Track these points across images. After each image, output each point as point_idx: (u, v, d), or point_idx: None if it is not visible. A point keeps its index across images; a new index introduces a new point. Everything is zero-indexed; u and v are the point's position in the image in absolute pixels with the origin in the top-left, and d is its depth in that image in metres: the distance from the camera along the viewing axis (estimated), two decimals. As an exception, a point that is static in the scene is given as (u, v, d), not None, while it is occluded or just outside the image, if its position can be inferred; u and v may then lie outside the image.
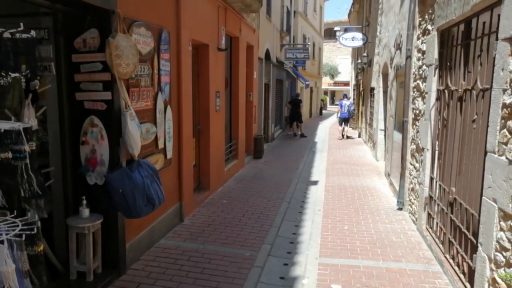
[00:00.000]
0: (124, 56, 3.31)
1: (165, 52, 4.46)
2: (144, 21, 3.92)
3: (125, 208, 3.41)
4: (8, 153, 1.75)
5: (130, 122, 3.46)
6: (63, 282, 3.41)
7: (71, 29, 3.40)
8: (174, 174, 4.93)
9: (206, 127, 6.33)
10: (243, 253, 4.28)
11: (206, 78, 6.18)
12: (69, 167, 3.59)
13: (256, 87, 10.14)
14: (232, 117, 8.33)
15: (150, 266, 3.91)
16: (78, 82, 3.45)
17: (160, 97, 4.36)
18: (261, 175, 8.17)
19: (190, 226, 5.07)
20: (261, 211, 5.74)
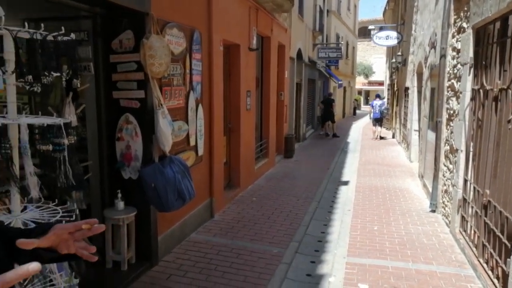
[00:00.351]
0: (157, 56, 3.45)
1: (197, 52, 4.59)
2: (176, 22, 4.06)
3: (157, 202, 3.56)
4: (49, 146, 1.91)
5: (162, 120, 3.60)
6: (99, 270, 3.60)
7: (108, 31, 3.59)
8: (205, 171, 5.06)
9: (237, 125, 6.44)
10: (271, 250, 4.34)
11: (237, 77, 6.29)
12: (105, 162, 3.78)
13: (288, 87, 10.17)
14: (263, 116, 8.40)
15: (181, 259, 4.05)
16: (115, 81, 3.63)
17: (192, 96, 4.49)
18: (291, 174, 8.20)
19: (220, 221, 5.18)
20: (290, 210, 5.78)
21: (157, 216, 3.88)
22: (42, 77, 1.89)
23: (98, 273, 3.54)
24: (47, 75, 1.91)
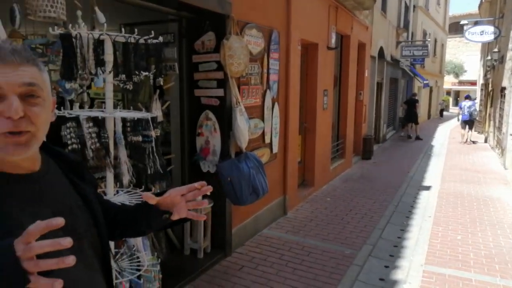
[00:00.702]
0: (236, 56, 3.61)
1: (275, 52, 4.69)
2: (255, 23, 4.20)
3: (233, 195, 3.72)
4: (139, 137, 2.13)
5: (239, 117, 3.76)
6: (178, 255, 3.87)
7: (192, 33, 3.84)
8: (279, 169, 5.15)
9: (313, 125, 6.43)
10: (343, 251, 4.29)
11: (314, 76, 6.28)
12: (186, 156, 4.05)
13: (367, 86, 9.86)
14: (340, 116, 8.27)
15: (253, 252, 4.18)
16: (196, 80, 3.88)
17: (268, 95, 4.60)
18: (369, 176, 7.95)
19: (293, 219, 5.23)
20: (365, 212, 5.63)
21: (232, 209, 4.06)
22: (133, 75, 2.11)
23: (177, 258, 3.81)
24: (138, 74, 2.12)
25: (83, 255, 1.02)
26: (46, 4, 2.22)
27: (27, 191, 0.93)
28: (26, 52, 0.89)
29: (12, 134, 0.84)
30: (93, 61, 2.03)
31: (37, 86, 0.87)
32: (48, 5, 2.22)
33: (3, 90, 0.82)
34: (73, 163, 1.12)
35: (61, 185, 1.04)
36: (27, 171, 0.94)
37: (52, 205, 0.97)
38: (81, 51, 1.97)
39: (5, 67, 0.83)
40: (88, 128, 1.99)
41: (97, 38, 2.05)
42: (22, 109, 0.83)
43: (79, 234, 1.02)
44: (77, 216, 1.03)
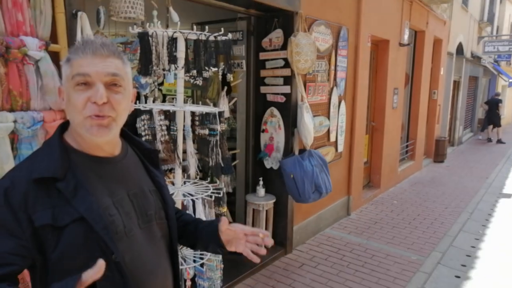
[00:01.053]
0: (303, 53, 3.59)
1: (343, 49, 4.59)
2: (324, 19, 4.14)
3: (295, 192, 3.72)
4: (206, 130, 2.22)
5: (306, 114, 3.74)
6: (239, 249, 3.96)
7: (260, 31, 3.89)
8: (343, 168, 5.04)
9: (381, 124, 6.19)
10: (409, 256, 4.09)
11: (384, 74, 6.04)
12: (251, 151, 4.12)
13: (442, 85, 9.26)
14: (411, 115, 7.86)
15: (314, 251, 4.15)
16: (263, 77, 3.92)
17: (335, 92, 4.52)
18: (440, 180, 7.48)
19: (356, 220, 5.10)
20: (435, 218, 5.31)
21: (294, 207, 4.06)
22: (203, 71, 2.20)
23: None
24: (207, 70, 2.21)
25: (152, 236, 1.10)
26: (127, 5, 2.39)
27: (107, 171, 1.04)
28: (113, 46, 1.00)
29: (97, 117, 0.95)
30: (167, 57, 2.15)
31: (120, 77, 0.98)
32: (129, 7, 2.40)
33: (92, 78, 0.94)
34: (148, 151, 1.21)
35: (137, 170, 1.14)
36: (108, 154, 1.06)
37: (127, 186, 1.08)
38: (156, 48, 2.10)
39: (95, 58, 0.95)
40: (160, 120, 2.12)
41: (171, 36, 2.17)
42: (106, 96, 0.95)
43: (149, 216, 1.10)
44: (149, 199, 1.12)
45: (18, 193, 0.91)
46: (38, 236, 0.91)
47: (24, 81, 1.89)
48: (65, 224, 0.91)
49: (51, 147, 1.00)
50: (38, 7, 1.95)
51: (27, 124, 1.87)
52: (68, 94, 0.97)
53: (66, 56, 1.00)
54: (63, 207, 0.92)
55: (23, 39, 1.85)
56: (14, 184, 0.92)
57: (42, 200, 0.92)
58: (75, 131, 1.01)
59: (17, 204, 0.90)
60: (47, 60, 1.95)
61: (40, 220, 0.90)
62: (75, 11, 2.09)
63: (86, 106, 0.94)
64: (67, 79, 0.97)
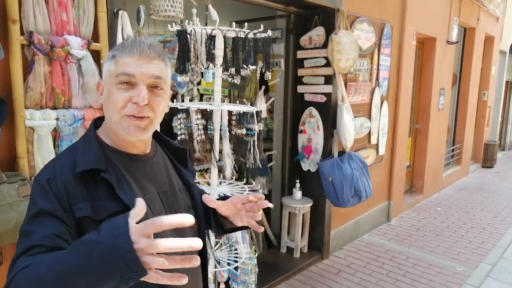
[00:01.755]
0: (344, 52, 3.47)
1: (386, 47, 4.41)
2: (366, 16, 3.98)
3: (333, 196, 3.60)
4: (243, 130, 2.17)
5: (346, 115, 3.61)
6: (274, 252, 3.90)
7: (299, 29, 3.80)
8: (384, 172, 4.85)
9: (425, 126, 5.91)
10: (454, 267, 3.85)
11: (430, 73, 5.76)
12: (287, 153, 4.05)
13: (493, 85, 8.73)
14: (458, 118, 7.45)
15: (352, 257, 4.00)
16: (300, 76, 3.83)
17: (377, 92, 4.35)
18: (489, 187, 7.05)
19: (397, 227, 4.89)
20: (483, 227, 4.99)
21: (332, 211, 3.94)
22: (241, 69, 2.15)
23: (274, 255, 3.83)
24: (245, 68, 2.16)
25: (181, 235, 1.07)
26: (167, 4, 2.39)
27: (139, 169, 1.04)
28: (159, 48, 1.00)
29: (135, 118, 0.95)
30: (205, 55, 2.12)
31: (162, 80, 0.98)
32: (169, 5, 2.39)
33: (136, 79, 0.94)
34: (176, 150, 1.21)
35: (167, 168, 1.13)
36: (140, 152, 1.06)
37: (157, 184, 1.07)
38: (194, 46, 2.08)
39: (141, 59, 0.95)
40: (196, 119, 2.10)
41: (209, 34, 2.14)
42: (147, 98, 0.94)
43: None
44: (179, 198, 1.11)
45: (60, 183, 0.92)
46: (81, 226, 0.91)
47: (67, 80, 1.93)
48: (102, 218, 0.91)
49: (88, 142, 1.00)
50: (82, 7, 1.99)
51: (68, 122, 1.90)
52: (108, 91, 0.97)
53: (111, 52, 0.99)
54: (101, 201, 0.93)
55: (66, 38, 1.88)
56: (56, 174, 0.93)
57: (81, 194, 0.92)
58: (110, 127, 1.01)
59: (59, 193, 0.91)
60: (88, 59, 1.97)
61: (81, 212, 0.91)
62: (117, 10, 2.11)
63: (127, 105, 0.94)
64: (110, 76, 0.97)
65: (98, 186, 0.94)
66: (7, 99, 1.71)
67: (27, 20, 1.77)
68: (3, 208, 1.57)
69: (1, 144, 1.61)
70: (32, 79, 1.78)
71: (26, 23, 1.77)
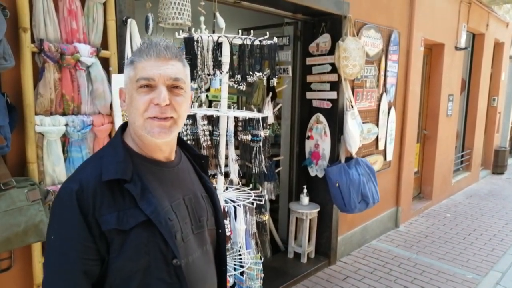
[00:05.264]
0: (351, 58, 3.48)
1: (394, 53, 4.41)
2: (374, 23, 3.99)
3: (340, 201, 3.59)
4: (248, 136, 2.19)
5: (351, 121, 3.61)
6: (281, 257, 3.89)
7: (307, 36, 3.82)
8: (392, 178, 4.82)
9: (434, 133, 5.87)
10: (464, 274, 3.81)
11: (438, 79, 5.73)
12: (295, 158, 4.05)
13: (504, 91, 8.64)
14: (467, 124, 7.39)
15: (359, 263, 3.98)
16: (309, 83, 3.84)
17: (385, 98, 4.34)
18: (500, 194, 6.96)
19: (405, 233, 4.85)
20: (493, 234, 4.93)
21: (339, 216, 3.93)
22: (247, 76, 2.18)
23: (280, 260, 3.83)
24: (252, 74, 2.18)
25: (203, 243, 1.10)
26: (175, 12, 2.43)
27: (165, 175, 1.05)
28: (175, 48, 1.01)
29: (159, 119, 0.97)
30: (212, 62, 2.15)
31: (181, 80, 1.00)
32: (176, 13, 2.43)
33: (156, 81, 0.96)
34: (199, 157, 1.22)
35: (190, 175, 1.14)
36: (166, 158, 1.07)
37: (182, 191, 1.08)
38: (201, 53, 2.11)
39: (158, 61, 0.97)
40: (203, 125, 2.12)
41: (216, 41, 2.16)
42: (168, 98, 0.96)
43: (201, 222, 1.10)
44: (202, 205, 1.12)
45: (87, 196, 0.91)
46: (105, 238, 0.92)
47: (76, 86, 1.96)
48: (130, 228, 0.92)
49: (115, 148, 1.01)
50: (92, 15, 2.03)
51: (77, 128, 1.93)
52: (130, 96, 0.99)
53: (130, 57, 1.01)
54: (128, 210, 0.93)
55: (76, 46, 1.93)
56: (83, 186, 0.92)
57: (108, 203, 0.92)
58: (135, 133, 1.02)
59: (87, 207, 0.91)
60: (97, 66, 2.01)
61: (106, 225, 0.91)
62: (125, 18, 2.15)
63: (149, 108, 0.96)
64: (130, 81, 0.99)
65: (125, 194, 0.95)
66: (18, 105, 1.75)
67: (37, 28, 1.81)
68: (12, 212, 1.60)
69: (11, 149, 1.64)
70: (42, 86, 1.82)
71: (37, 31, 1.81)
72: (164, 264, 0.95)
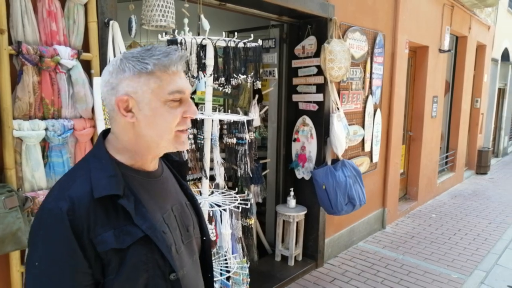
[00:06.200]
0: (337, 60, 3.49)
1: (379, 56, 4.44)
2: (359, 26, 4.02)
3: (327, 204, 3.59)
4: (233, 139, 2.17)
5: (337, 123, 3.62)
6: (268, 260, 3.87)
7: (292, 38, 3.82)
8: (378, 179, 4.85)
9: (419, 134, 5.94)
10: (449, 274, 3.85)
11: (423, 81, 5.80)
12: (282, 161, 4.04)
13: (486, 92, 8.81)
14: (451, 125, 7.50)
15: (346, 265, 3.99)
16: (295, 85, 3.84)
17: (370, 100, 4.37)
18: (483, 194, 7.07)
19: (392, 234, 4.88)
20: (477, 233, 5.00)
21: (326, 219, 3.93)
22: (232, 79, 2.16)
23: (268, 264, 3.81)
24: (236, 77, 2.16)
25: (192, 252, 1.08)
26: (158, 14, 2.40)
27: (153, 186, 1.00)
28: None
29: (185, 131, 0.96)
30: (196, 65, 2.12)
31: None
32: (160, 15, 2.40)
33: (186, 95, 0.95)
34: (177, 163, 1.18)
35: (173, 184, 1.10)
36: (152, 169, 1.02)
37: (170, 200, 1.04)
38: (184, 56, 2.09)
39: (181, 73, 0.95)
40: (187, 129, 2.10)
41: (200, 43, 2.14)
42: None
43: (189, 232, 1.08)
44: (187, 213, 1.09)
45: (80, 216, 0.83)
46: (101, 260, 0.85)
47: (56, 90, 1.92)
48: (127, 246, 0.86)
49: (101, 160, 0.92)
50: (72, 17, 1.99)
51: (57, 132, 1.89)
52: (153, 109, 0.91)
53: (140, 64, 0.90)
54: (123, 227, 0.87)
55: (56, 48, 1.88)
56: (74, 205, 0.83)
57: (102, 222, 0.85)
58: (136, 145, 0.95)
59: (80, 228, 0.82)
60: (78, 69, 1.97)
61: (104, 245, 0.84)
62: (107, 20, 2.11)
63: (181, 121, 0.94)
64: (152, 92, 0.90)
65: (118, 210, 0.88)
66: (-5, 109, 1.70)
67: (15, 30, 1.76)
68: (-11, 220, 1.55)
69: (-12, 155, 1.60)
70: (20, 89, 1.77)
71: (15, 33, 1.77)
72: (162, 280, 0.91)
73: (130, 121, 0.92)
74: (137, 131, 0.93)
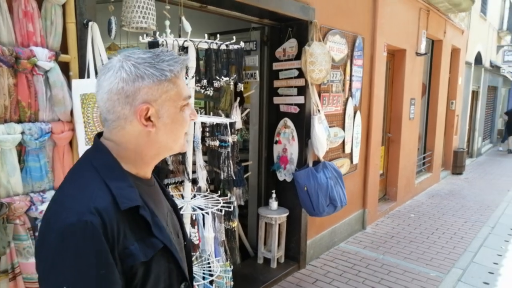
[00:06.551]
0: (317, 63, 3.52)
1: (358, 58, 4.51)
2: (339, 29, 4.07)
3: (309, 205, 3.61)
4: (216, 142, 2.16)
5: (318, 125, 3.65)
6: (251, 263, 3.86)
7: (273, 41, 3.84)
8: (359, 180, 4.92)
9: (397, 135, 6.05)
10: (428, 272, 3.93)
11: (401, 84, 5.92)
12: (263, 163, 4.04)
13: (461, 95, 9.06)
14: (428, 126, 7.68)
15: (328, 266, 4.02)
16: (276, 88, 3.86)
17: (350, 103, 4.42)
18: (459, 193, 7.26)
19: (372, 234, 4.95)
20: (454, 232, 5.13)
21: (308, 220, 3.95)
22: (214, 81, 2.15)
23: (250, 266, 3.80)
24: (218, 79, 2.15)
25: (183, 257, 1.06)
26: (139, 15, 2.36)
27: (152, 193, 0.99)
28: None
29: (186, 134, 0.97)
30: (177, 68, 2.10)
31: None
32: (140, 17, 2.36)
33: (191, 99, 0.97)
34: (157, 169, 1.16)
35: (160, 190, 1.09)
36: (149, 176, 1.00)
37: (164, 208, 1.04)
38: (166, 58, 2.06)
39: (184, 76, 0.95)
40: (169, 132, 2.07)
41: (181, 45, 2.12)
42: None
43: (179, 237, 1.08)
44: (174, 219, 1.08)
45: (112, 229, 0.79)
46: (125, 273, 0.82)
47: (33, 92, 1.86)
48: (151, 257, 0.86)
49: (114, 170, 0.88)
50: (49, 17, 1.93)
51: (34, 136, 1.83)
52: (171, 115, 0.90)
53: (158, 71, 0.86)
54: (146, 239, 0.86)
55: (33, 50, 1.83)
56: (104, 218, 0.79)
57: (127, 234, 0.83)
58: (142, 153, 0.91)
59: (111, 242, 0.79)
60: (56, 71, 1.92)
61: (132, 259, 0.82)
62: (86, 21, 2.07)
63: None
64: (170, 99, 0.89)
65: (138, 221, 0.86)
66: (-31, 112, 1.64)
67: (-10, 31, 1.71)
68: (-37, 227, 1.49)
69: (-39, 160, 1.53)
70: (-5, 92, 1.72)
71: (-11, 34, 1.71)
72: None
73: (148, 130, 0.88)
74: (152, 139, 0.90)
